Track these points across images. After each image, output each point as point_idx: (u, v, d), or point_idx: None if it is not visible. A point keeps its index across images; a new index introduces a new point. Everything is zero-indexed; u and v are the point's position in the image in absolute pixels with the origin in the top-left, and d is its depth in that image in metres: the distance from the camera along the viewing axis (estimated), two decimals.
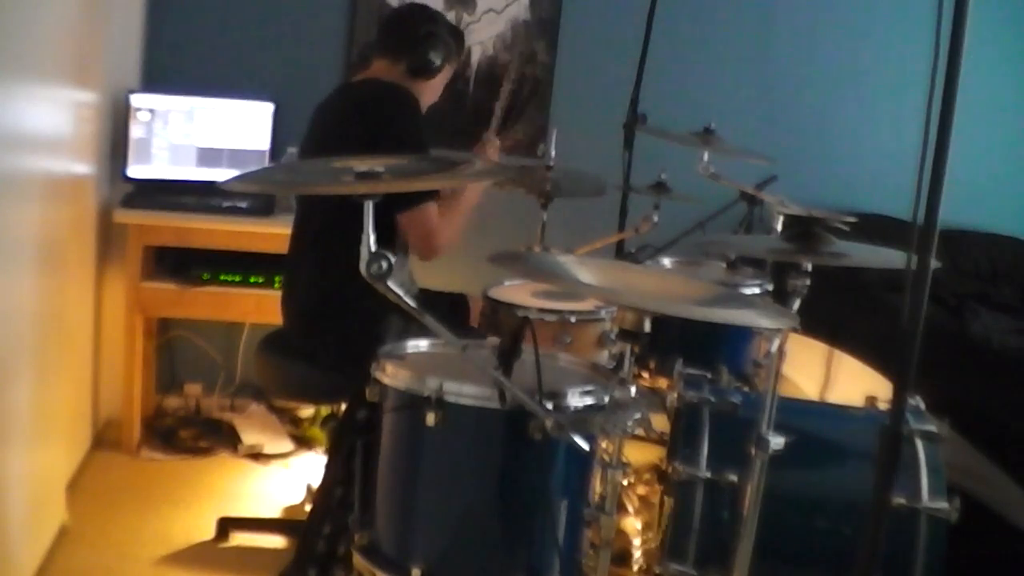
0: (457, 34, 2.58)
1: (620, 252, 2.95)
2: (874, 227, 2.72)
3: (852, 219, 1.75)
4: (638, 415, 1.53)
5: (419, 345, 1.83)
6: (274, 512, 3.01)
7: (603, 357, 2.27)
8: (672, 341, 2.31)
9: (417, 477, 1.66)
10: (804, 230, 1.75)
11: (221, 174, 3.20)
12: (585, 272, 1.63)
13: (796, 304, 1.73)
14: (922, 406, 1.88)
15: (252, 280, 3.25)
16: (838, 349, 3.36)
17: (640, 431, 1.56)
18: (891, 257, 1.70)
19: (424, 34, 2.45)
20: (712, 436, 1.83)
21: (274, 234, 3.09)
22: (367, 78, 2.50)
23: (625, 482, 2.60)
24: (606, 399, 1.59)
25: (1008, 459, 2.49)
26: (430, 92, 2.54)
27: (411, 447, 1.66)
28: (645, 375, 2.53)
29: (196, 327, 3.60)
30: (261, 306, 3.18)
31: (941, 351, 2.62)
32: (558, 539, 1.63)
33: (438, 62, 2.47)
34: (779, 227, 2.36)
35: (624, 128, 3.04)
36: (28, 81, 2.29)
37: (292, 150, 3.29)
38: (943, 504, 1.72)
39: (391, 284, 1.47)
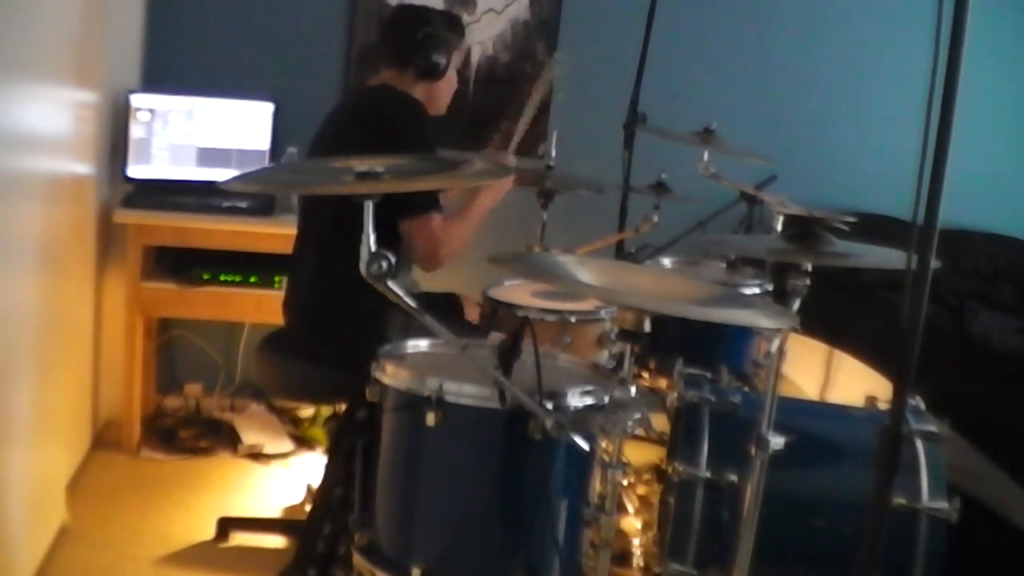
0: (453, 22, 2.57)
1: (620, 252, 2.95)
2: (874, 227, 2.72)
3: (852, 219, 1.75)
4: (638, 415, 1.53)
5: (419, 345, 1.83)
6: (274, 512, 3.01)
7: (603, 357, 2.27)
8: (672, 341, 2.32)
9: (417, 477, 1.66)
10: (804, 230, 1.75)
11: (221, 174, 3.19)
12: (585, 272, 1.63)
13: (796, 304, 1.73)
14: (922, 406, 1.88)
15: (252, 280, 3.25)
16: (838, 349, 3.36)
17: (640, 431, 1.56)
18: (891, 257, 1.70)
19: (422, 37, 2.45)
20: (712, 436, 1.83)
21: (274, 234, 3.10)
22: (379, 84, 2.50)
23: (625, 482, 2.60)
24: (606, 399, 1.60)
25: (1008, 459, 2.49)
26: (446, 87, 2.55)
27: (411, 447, 1.66)
28: (645, 375, 2.53)
29: (196, 327, 3.60)
30: (261, 306, 3.18)
31: (941, 351, 2.62)
32: (558, 539, 1.63)
33: (443, 61, 2.47)
34: (779, 227, 2.36)
35: (624, 128, 3.04)
36: (28, 81, 2.29)
37: (292, 150, 3.29)
38: (943, 504, 1.72)
39: (391, 284, 1.47)
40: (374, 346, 1.76)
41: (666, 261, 2.80)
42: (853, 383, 3.15)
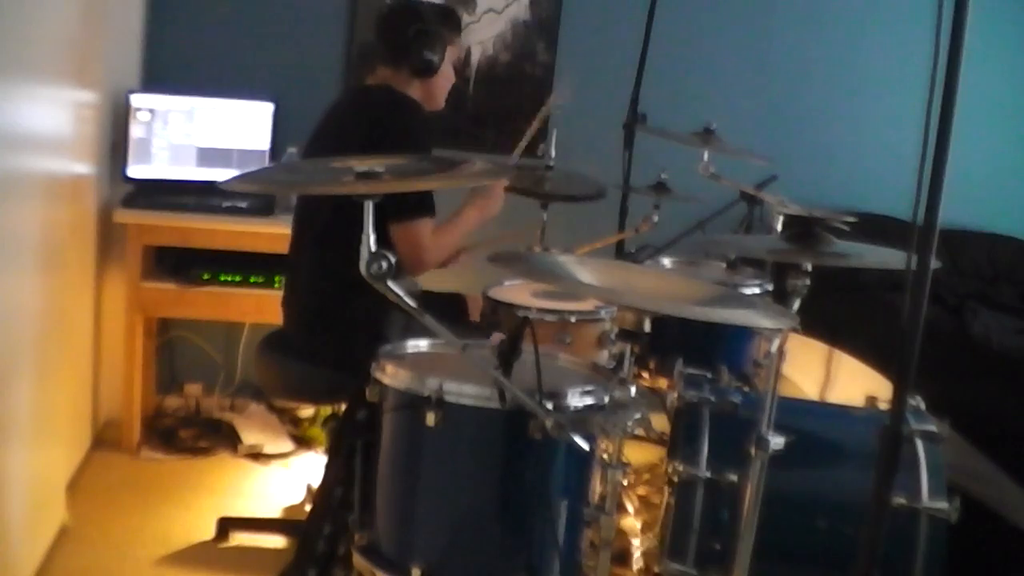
0: (447, 16, 2.53)
1: (620, 252, 2.95)
2: (874, 227, 2.72)
3: (852, 219, 1.75)
4: (638, 415, 1.53)
5: (419, 345, 1.83)
6: (274, 512, 3.01)
7: (603, 357, 2.27)
8: (672, 341, 2.31)
9: (417, 477, 1.66)
10: (804, 230, 1.75)
11: (221, 174, 3.19)
12: (585, 272, 1.63)
13: (796, 304, 1.73)
14: (922, 406, 1.88)
15: (252, 280, 3.25)
16: (838, 349, 3.36)
17: (640, 431, 1.56)
18: (891, 257, 1.70)
19: (414, 34, 2.43)
20: (712, 436, 1.83)
21: (274, 234, 3.09)
22: (377, 84, 2.50)
23: (625, 482, 2.60)
24: (606, 399, 1.60)
25: (1008, 459, 2.49)
26: (442, 82, 2.52)
27: (411, 447, 1.66)
28: (645, 375, 2.53)
29: (196, 327, 3.60)
30: (261, 306, 3.18)
31: (941, 351, 2.62)
32: (558, 539, 1.63)
33: (436, 58, 2.45)
34: (779, 227, 2.36)
35: (624, 128, 3.04)
36: (28, 81, 2.29)
37: (292, 150, 3.29)
38: (943, 504, 1.72)
39: (391, 284, 1.47)
40: (373, 347, 1.76)
41: (666, 261, 2.80)
42: (853, 383, 3.15)
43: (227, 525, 2.80)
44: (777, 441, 1.63)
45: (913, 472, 1.74)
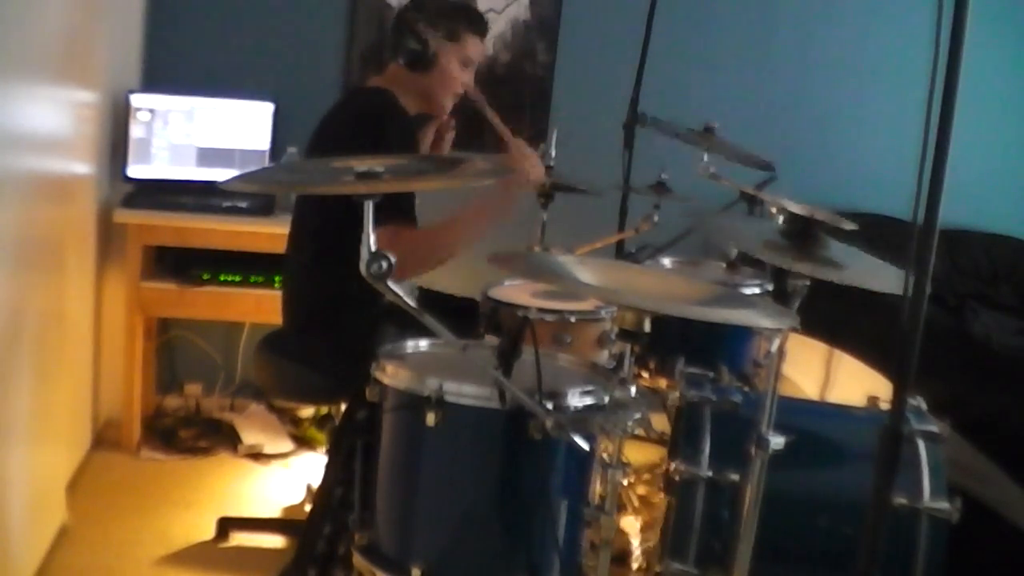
0: (457, 11, 2.44)
1: (620, 252, 2.95)
2: (874, 227, 2.72)
3: (852, 226, 1.75)
4: (638, 415, 1.53)
5: (419, 345, 1.83)
6: (274, 512, 3.01)
7: (603, 357, 2.27)
8: (672, 341, 2.31)
9: (417, 477, 1.66)
10: (804, 229, 1.75)
11: (221, 174, 3.19)
12: (585, 272, 1.63)
13: (796, 304, 1.73)
14: (923, 406, 1.88)
15: (252, 280, 3.25)
16: (838, 349, 3.35)
17: (640, 431, 1.56)
18: (887, 277, 1.69)
19: (399, 26, 2.39)
20: (713, 435, 1.83)
21: (274, 234, 3.09)
22: (365, 86, 2.48)
23: (625, 482, 2.60)
24: (606, 399, 1.60)
25: (1008, 459, 2.49)
26: (440, 81, 2.44)
27: (411, 447, 1.66)
28: (645, 375, 2.53)
29: (196, 327, 3.60)
30: (261, 306, 3.18)
31: (941, 351, 2.62)
32: (558, 539, 1.63)
33: (417, 47, 2.37)
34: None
35: (624, 128, 3.04)
36: (28, 81, 2.29)
37: (292, 150, 3.29)
38: (944, 504, 1.72)
39: (391, 284, 1.47)
40: (371, 347, 1.76)
41: (666, 261, 2.80)
42: (853, 383, 3.15)
43: (227, 525, 2.80)
44: (777, 441, 1.63)
45: (914, 472, 1.74)
